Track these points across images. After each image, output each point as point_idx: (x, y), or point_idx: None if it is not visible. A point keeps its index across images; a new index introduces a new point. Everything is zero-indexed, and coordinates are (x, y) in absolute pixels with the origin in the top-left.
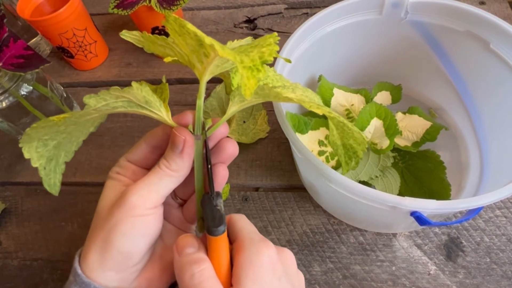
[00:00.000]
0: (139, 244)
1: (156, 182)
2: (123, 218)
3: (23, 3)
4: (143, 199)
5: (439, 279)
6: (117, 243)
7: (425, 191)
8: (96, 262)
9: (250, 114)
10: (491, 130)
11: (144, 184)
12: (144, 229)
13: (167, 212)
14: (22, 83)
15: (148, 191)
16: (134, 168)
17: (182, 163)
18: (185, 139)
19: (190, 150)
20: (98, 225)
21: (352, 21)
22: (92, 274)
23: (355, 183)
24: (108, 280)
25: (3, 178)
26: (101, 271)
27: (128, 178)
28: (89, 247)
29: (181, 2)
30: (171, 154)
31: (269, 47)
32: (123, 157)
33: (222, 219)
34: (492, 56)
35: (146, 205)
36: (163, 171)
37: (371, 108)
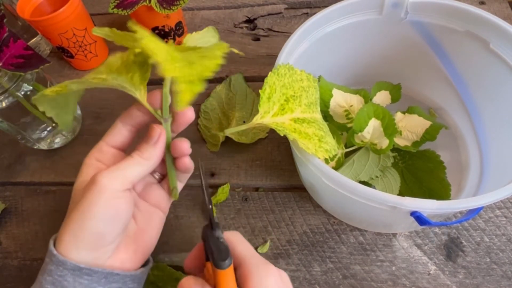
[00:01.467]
0: (110, 225)
1: (126, 168)
2: (94, 200)
3: (23, 3)
4: (113, 182)
5: (439, 279)
6: (89, 225)
7: (425, 191)
8: (70, 243)
9: (250, 114)
10: (491, 130)
11: (115, 169)
12: (115, 211)
13: (147, 189)
14: (22, 83)
15: (118, 175)
16: (113, 152)
17: (154, 152)
18: (161, 133)
19: (162, 144)
20: (72, 209)
21: (352, 21)
22: (67, 254)
23: (355, 183)
24: (82, 258)
25: (3, 178)
26: (75, 250)
27: (106, 164)
28: (63, 229)
29: (181, 2)
30: (145, 144)
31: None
32: (102, 141)
33: (227, 252)
34: (492, 56)
35: (116, 187)
36: (134, 159)
37: (369, 109)
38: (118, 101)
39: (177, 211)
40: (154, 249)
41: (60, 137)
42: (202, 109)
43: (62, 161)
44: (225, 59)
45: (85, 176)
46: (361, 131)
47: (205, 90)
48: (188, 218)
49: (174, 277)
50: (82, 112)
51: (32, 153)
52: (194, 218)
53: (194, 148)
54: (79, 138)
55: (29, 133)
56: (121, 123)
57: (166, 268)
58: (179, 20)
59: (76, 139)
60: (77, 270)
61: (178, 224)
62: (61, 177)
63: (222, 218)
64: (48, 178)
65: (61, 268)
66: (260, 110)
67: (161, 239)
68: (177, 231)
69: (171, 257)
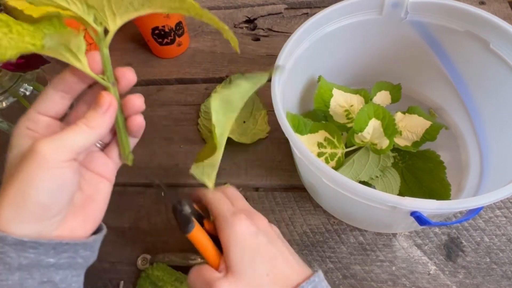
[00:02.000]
0: (56, 196)
1: (70, 137)
2: (35, 171)
3: None
4: (56, 151)
5: (439, 279)
6: (32, 196)
7: (425, 191)
8: (11, 216)
9: (250, 114)
10: (491, 130)
11: (57, 138)
12: (59, 181)
13: (89, 158)
14: (22, 83)
15: (61, 144)
16: (47, 120)
17: (102, 122)
18: (111, 102)
19: (113, 113)
20: (9, 181)
21: (352, 21)
22: (8, 228)
23: (355, 183)
24: (27, 231)
25: None
26: (18, 223)
27: (41, 133)
28: (1, 203)
29: None
30: (93, 113)
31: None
32: (32, 109)
33: (189, 219)
34: (492, 56)
35: (59, 158)
36: (80, 127)
37: (369, 109)
38: None
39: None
40: (154, 249)
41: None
42: (202, 109)
43: None
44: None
45: (20, 147)
46: (361, 131)
47: (205, 90)
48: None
49: (174, 277)
50: None
51: None
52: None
53: (194, 149)
54: None
55: None
56: (53, 89)
57: (166, 268)
58: (179, 20)
59: None
60: (19, 244)
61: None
62: None
63: None
64: None
65: (1, 244)
66: None
67: (161, 239)
68: (177, 231)
69: (171, 257)
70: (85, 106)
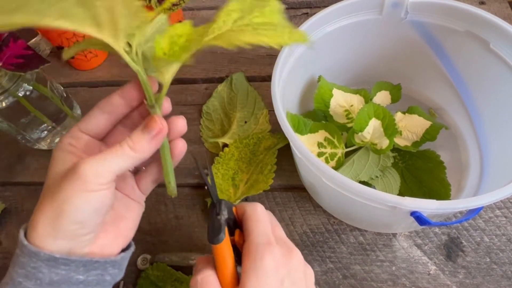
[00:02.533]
0: (91, 216)
1: (112, 159)
2: (75, 191)
3: None
4: (97, 175)
5: (439, 279)
6: (70, 214)
7: (425, 191)
8: (46, 232)
9: (251, 114)
10: (491, 130)
11: (99, 159)
12: (97, 203)
13: (121, 181)
14: (22, 83)
15: (102, 166)
16: (87, 139)
17: (148, 147)
18: (162, 129)
19: (161, 139)
20: (48, 197)
21: (352, 21)
22: (42, 243)
23: (355, 183)
24: (59, 247)
25: (3, 178)
26: (52, 239)
27: (80, 149)
28: (38, 217)
29: (181, 2)
30: (139, 135)
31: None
32: (75, 127)
33: (220, 228)
34: (492, 56)
35: (99, 180)
36: (124, 150)
37: (369, 109)
38: None
39: (177, 211)
40: (154, 249)
41: (60, 137)
42: (204, 110)
43: None
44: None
45: (62, 164)
46: (362, 131)
47: (205, 90)
48: (188, 218)
49: (174, 277)
50: (82, 112)
51: (32, 153)
52: (194, 218)
53: (195, 149)
54: None
55: (29, 133)
56: (98, 110)
57: (166, 268)
58: (179, 20)
59: None
60: (52, 260)
61: (178, 224)
62: None
63: None
64: None
65: (35, 259)
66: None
67: (161, 239)
68: (177, 231)
69: (171, 257)
70: (124, 129)
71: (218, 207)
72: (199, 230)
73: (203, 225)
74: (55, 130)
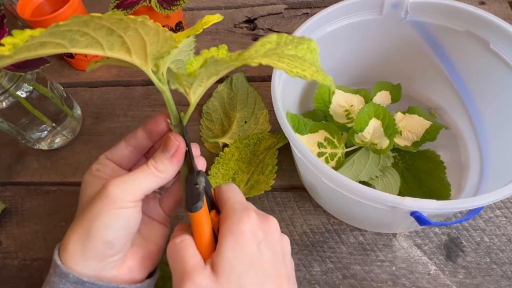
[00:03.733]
0: (120, 234)
1: (139, 178)
2: (105, 209)
3: (23, 3)
4: (125, 192)
5: (439, 279)
6: (99, 233)
7: (425, 191)
8: (77, 252)
9: (251, 114)
10: (491, 130)
11: (127, 179)
12: (125, 221)
13: (145, 203)
14: (22, 83)
15: (130, 185)
16: (113, 166)
17: (170, 166)
18: (179, 145)
19: (181, 157)
20: (79, 218)
21: (352, 21)
22: (73, 264)
23: (355, 183)
24: (88, 269)
25: (3, 178)
26: (82, 260)
27: (107, 175)
28: (70, 238)
29: (181, 2)
30: (161, 156)
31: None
32: (103, 155)
33: (199, 196)
34: (492, 56)
35: (127, 198)
36: (149, 170)
37: (369, 109)
38: (118, 101)
39: (177, 211)
40: None
41: (60, 137)
42: (204, 110)
43: (62, 161)
44: None
45: (92, 187)
46: (362, 131)
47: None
48: (188, 218)
49: None
50: (82, 112)
51: (32, 153)
52: None
53: None
54: (79, 138)
55: (29, 133)
56: (124, 142)
57: (166, 268)
58: (179, 20)
59: (76, 139)
60: (79, 283)
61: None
62: (61, 177)
63: None
64: (48, 178)
65: (64, 280)
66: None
67: None
68: None
69: None
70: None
71: (195, 176)
72: None
73: None
74: (55, 130)
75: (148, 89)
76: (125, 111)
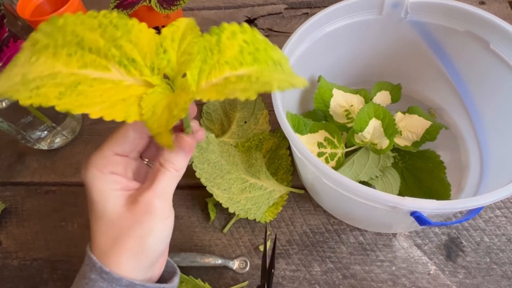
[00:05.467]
0: (166, 242)
1: (167, 183)
2: (154, 225)
3: (23, 3)
4: (166, 204)
5: (439, 279)
6: (154, 246)
7: (425, 191)
8: (130, 265)
9: (251, 114)
10: (491, 130)
11: (162, 190)
12: (170, 229)
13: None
14: None
15: (168, 195)
16: (124, 162)
17: (185, 163)
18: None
19: (192, 153)
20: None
21: (352, 21)
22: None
23: (355, 183)
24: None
25: (3, 178)
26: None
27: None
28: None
29: (181, 2)
30: (176, 156)
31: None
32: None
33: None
34: (492, 56)
35: (168, 207)
36: (171, 173)
37: (369, 109)
38: None
39: (177, 211)
40: None
41: (60, 137)
42: (204, 110)
43: (62, 161)
44: None
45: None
46: (362, 131)
47: None
48: (188, 218)
49: None
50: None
51: (32, 153)
52: (194, 218)
53: None
54: (79, 138)
55: (29, 133)
56: (133, 130)
57: None
58: None
59: (76, 139)
60: (131, 286)
61: (178, 224)
62: (61, 177)
63: (222, 218)
64: (48, 178)
65: (114, 285)
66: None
67: None
68: (177, 231)
69: (171, 257)
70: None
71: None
72: (199, 230)
73: (203, 225)
74: (55, 130)
75: None
76: None
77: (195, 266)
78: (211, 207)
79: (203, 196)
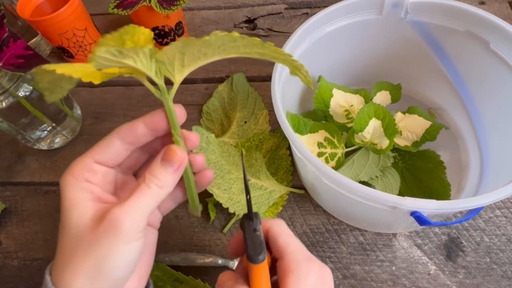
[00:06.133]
0: (131, 268)
1: (143, 202)
2: (115, 247)
3: (23, 3)
4: (136, 224)
5: (439, 279)
6: (111, 273)
7: (425, 191)
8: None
9: (251, 114)
10: (491, 130)
11: (135, 207)
12: (137, 253)
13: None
14: (22, 83)
15: (138, 214)
16: (104, 171)
17: (173, 180)
18: (183, 160)
19: (183, 170)
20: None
21: (352, 21)
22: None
23: (355, 183)
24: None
25: (3, 178)
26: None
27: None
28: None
29: (181, 2)
30: (162, 171)
31: None
32: (89, 157)
33: (262, 246)
34: (492, 56)
35: (138, 229)
36: (152, 190)
37: (369, 109)
38: (118, 101)
39: (177, 211)
40: None
41: (60, 137)
42: (204, 110)
43: (62, 161)
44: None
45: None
46: (362, 131)
47: (205, 90)
48: (188, 218)
49: (174, 277)
50: (82, 112)
51: (32, 153)
52: (193, 218)
53: None
54: (79, 138)
55: (29, 133)
56: (119, 140)
57: (166, 268)
58: (179, 20)
59: (76, 139)
60: None
61: (178, 224)
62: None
63: (222, 218)
64: (48, 178)
65: None
66: None
67: (161, 239)
68: (177, 231)
69: (171, 257)
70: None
71: (255, 221)
72: (199, 230)
73: (203, 225)
74: (55, 130)
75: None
76: (125, 111)
77: (195, 266)
78: (211, 207)
79: (203, 196)
